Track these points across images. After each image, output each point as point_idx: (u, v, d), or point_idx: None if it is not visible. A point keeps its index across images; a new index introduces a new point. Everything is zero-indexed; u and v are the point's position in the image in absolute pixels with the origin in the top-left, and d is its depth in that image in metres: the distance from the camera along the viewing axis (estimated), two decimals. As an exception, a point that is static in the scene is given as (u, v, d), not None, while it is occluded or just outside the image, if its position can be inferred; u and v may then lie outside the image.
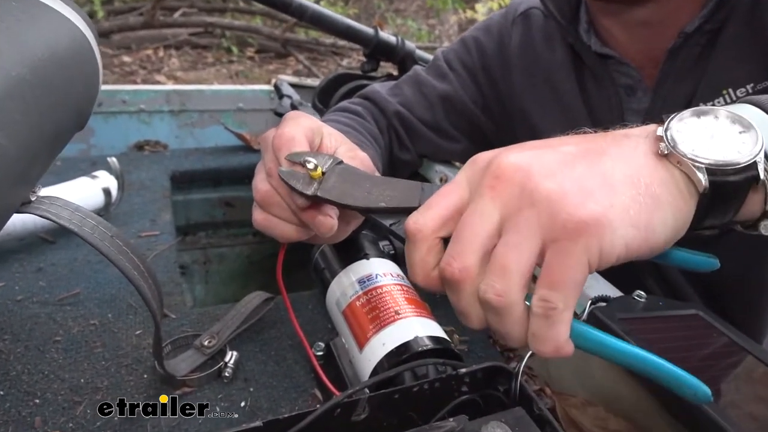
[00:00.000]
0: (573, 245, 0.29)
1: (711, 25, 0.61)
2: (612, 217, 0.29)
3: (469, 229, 0.32)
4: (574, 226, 0.29)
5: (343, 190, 0.43)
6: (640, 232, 0.30)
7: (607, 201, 0.30)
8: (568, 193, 0.30)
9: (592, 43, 0.69)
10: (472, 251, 0.31)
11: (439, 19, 6.00)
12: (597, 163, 0.32)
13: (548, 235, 0.29)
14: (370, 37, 1.09)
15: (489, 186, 0.32)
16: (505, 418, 0.37)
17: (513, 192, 0.31)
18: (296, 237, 0.48)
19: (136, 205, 0.93)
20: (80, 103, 0.42)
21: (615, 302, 0.52)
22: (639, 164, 0.32)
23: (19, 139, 0.31)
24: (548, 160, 0.32)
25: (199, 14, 4.71)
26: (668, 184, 0.32)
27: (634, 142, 0.33)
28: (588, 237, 0.29)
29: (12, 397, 0.51)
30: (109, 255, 0.38)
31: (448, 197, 0.34)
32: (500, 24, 0.81)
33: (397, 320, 0.50)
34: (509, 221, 0.31)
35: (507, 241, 0.31)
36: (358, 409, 0.40)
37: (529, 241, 0.30)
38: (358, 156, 0.50)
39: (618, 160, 0.32)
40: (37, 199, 0.36)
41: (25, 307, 0.64)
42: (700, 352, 0.47)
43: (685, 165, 0.32)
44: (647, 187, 0.31)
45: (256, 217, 0.48)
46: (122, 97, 1.25)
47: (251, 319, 0.61)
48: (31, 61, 0.34)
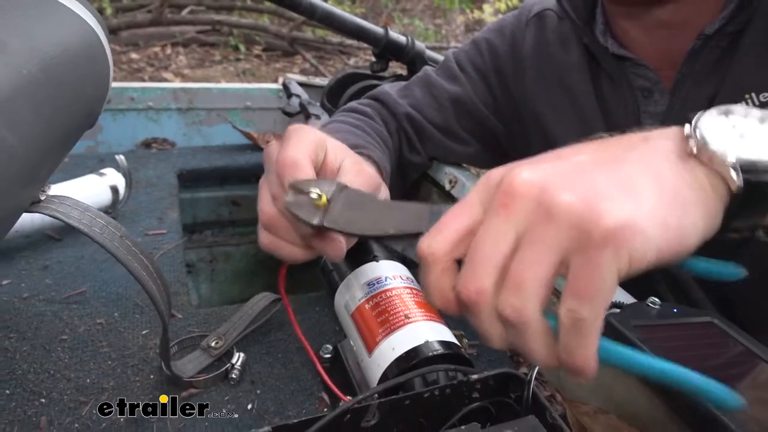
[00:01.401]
0: (600, 254, 0.28)
1: (732, 27, 0.59)
2: (641, 222, 0.28)
3: (483, 250, 0.31)
4: (602, 234, 0.28)
5: (349, 218, 0.42)
6: (672, 236, 0.30)
7: (633, 206, 0.29)
8: (590, 202, 0.29)
9: (609, 45, 0.68)
10: (486, 273, 0.31)
11: (445, 19, 5.99)
12: (616, 169, 0.31)
13: (572, 246, 0.29)
14: (380, 36, 1.08)
15: (502, 204, 0.31)
16: (518, 426, 0.37)
17: (527, 208, 0.30)
18: (303, 258, 0.48)
19: (143, 202, 0.92)
20: (91, 101, 0.41)
21: (629, 309, 0.51)
22: (662, 166, 0.31)
23: (30, 138, 0.30)
24: (563, 171, 0.31)
25: (207, 12, 4.72)
26: (695, 184, 0.31)
27: (655, 145, 0.33)
28: (616, 244, 0.28)
29: (18, 397, 0.50)
30: (118, 256, 0.38)
31: (459, 218, 0.33)
32: (513, 25, 0.80)
33: (407, 324, 0.49)
34: (525, 238, 0.30)
35: (522, 257, 0.30)
36: (368, 414, 0.40)
37: (546, 255, 0.29)
38: (363, 170, 0.50)
39: (638, 164, 0.31)
40: (46, 198, 0.35)
41: (31, 305, 0.64)
42: (716, 360, 0.46)
43: (717, 163, 0.31)
44: (674, 189, 0.30)
45: (262, 240, 0.49)
46: (130, 95, 1.25)
47: (258, 321, 0.60)
48: (42, 58, 0.33)
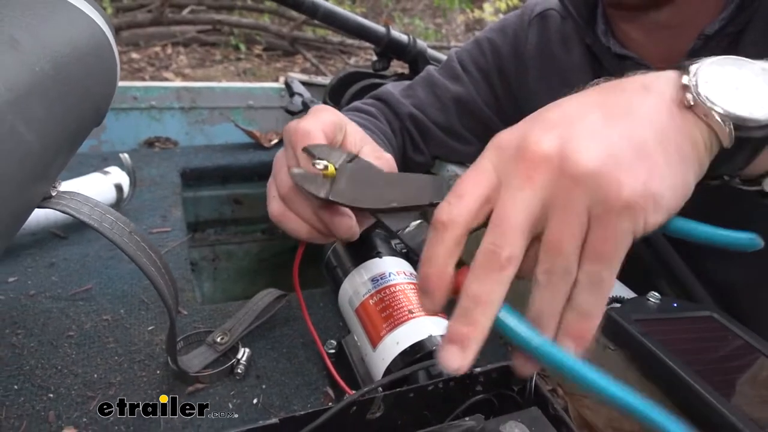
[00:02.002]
0: (620, 220, 0.29)
1: (733, 27, 0.60)
2: (656, 189, 0.29)
3: (513, 219, 0.30)
4: (623, 203, 0.28)
5: (354, 192, 0.42)
6: (679, 195, 0.30)
7: (647, 172, 0.29)
8: (611, 171, 0.29)
9: (612, 45, 0.69)
10: (516, 239, 0.30)
11: (446, 19, 5.99)
12: (628, 129, 0.31)
13: (594, 210, 0.29)
14: (382, 35, 1.09)
15: (526, 177, 0.30)
16: (521, 417, 0.37)
17: (553, 177, 0.30)
18: (307, 237, 0.48)
19: (147, 201, 0.93)
20: (99, 99, 0.42)
21: (629, 303, 0.52)
22: (666, 123, 0.32)
23: (43, 134, 0.31)
24: (579, 133, 0.31)
25: (208, 12, 4.72)
26: (693, 139, 0.32)
27: (657, 96, 0.33)
28: (635, 211, 0.29)
29: (26, 392, 0.51)
30: (128, 251, 0.39)
31: (478, 186, 0.32)
32: (516, 25, 0.80)
33: (410, 319, 0.50)
34: (555, 205, 0.30)
35: (559, 222, 0.30)
36: (374, 407, 0.40)
37: (579, 217, 0.29)
38: (383, 157, 0.50)
39: (646, 120, 0.31)
40: (57, 194, 0.36)
41: (38, 302, 0.64)
42: (715, 354, 0.47)
43: (713, 119, 0.31)
44: (677, 147, 0.31)
45: (273, 209, 0.48)
46: (133, 94, 1.26)
47: (263, 317, 0.61)
48: (53, 56, 0.34)
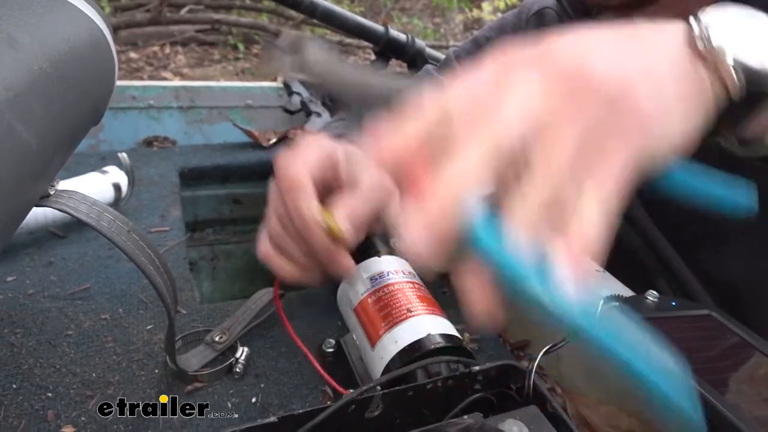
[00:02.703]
0: (630, 136, 0.27)
1: None
2: (664, 116, 0.28)
3: (511, 110, 0.27)
4: (634, 120, 0.27)
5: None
6: (684, 133, 0.29)
7: (658, 98, 0.28)
8: (625, 85, 0.27)
9: None
10: (513, 122, 0.27)
11: (444, 18, 5.99)
12: (642, 53, 0.30)
13: (603, 121, 0.27)
14: (381, 34, 1.09)
15: (573, 113, 0.27)
16: (520, 415, 0.37)
17: (564, 82, 0.28)
18: (292, 277, 0.52)
19: (146, 200, 0.93)
20: (97, 98, 0.42)
21: (627, 302, 0.52)
22: (677, 60, 0.30)
23: (42, 133, 0.31)
24: (595, 49, 0.29)
25: (206, 11, 4.71)
26: (702, 84, 0.31)
27: (671, 36, 0.32)
28: (643, 132, 0.27)
29: (25, 391, 0.51)
30: (126, 249, 0.39)
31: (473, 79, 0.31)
32: (513, 23, 0.81)
33: (409, 318, 0.50)
34: (561, 110, 0.27)
35: (565, 124, 0.27)
36: (372, 405, 0.40)
37: (587, 122, 0.27)
38: (387, 187, 0.50)
39: (659, 52, 0.30)
40: (55, 192, 0.36)
41: (36, 301, 0.64)
42: (714, 352, 0.47)
43: (725, 70, 0.30)
44: (687, 86, 0.30)
45: (260, 248, 0.52)
46: (132, 93, 1.26)
47: (262, 316, 0.61)
48: (51, 55, 0.34)
